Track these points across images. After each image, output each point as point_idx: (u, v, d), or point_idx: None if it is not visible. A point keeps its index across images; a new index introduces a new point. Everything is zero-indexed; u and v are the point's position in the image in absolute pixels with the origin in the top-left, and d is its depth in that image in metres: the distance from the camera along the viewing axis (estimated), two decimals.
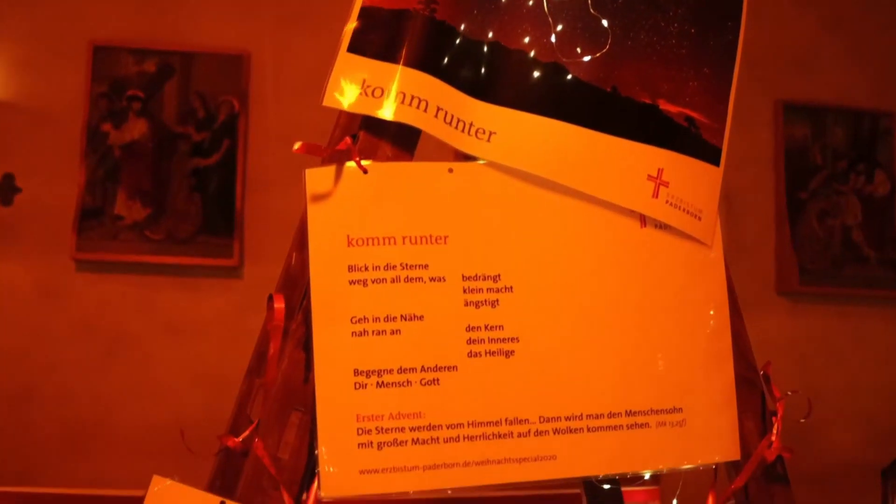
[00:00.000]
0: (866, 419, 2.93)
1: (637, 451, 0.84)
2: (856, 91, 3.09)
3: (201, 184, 2.71)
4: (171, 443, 0.76)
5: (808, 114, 3.04)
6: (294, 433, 0.79)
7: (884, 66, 3.12)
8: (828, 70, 3.07)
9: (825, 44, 3.09)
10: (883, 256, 3.03)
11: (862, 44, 3.13)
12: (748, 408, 0.89)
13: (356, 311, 0.80)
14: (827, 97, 3.06)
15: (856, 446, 2.88)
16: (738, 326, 0.90)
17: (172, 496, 0.78)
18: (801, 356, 2.88)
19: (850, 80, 3.08)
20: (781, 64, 3.02)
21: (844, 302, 3.01)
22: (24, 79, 2.73)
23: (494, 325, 0.82)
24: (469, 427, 0.80)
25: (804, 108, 3.04)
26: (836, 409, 2.81)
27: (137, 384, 2.65)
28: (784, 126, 3.01)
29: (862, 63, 3.11)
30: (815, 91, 3.05)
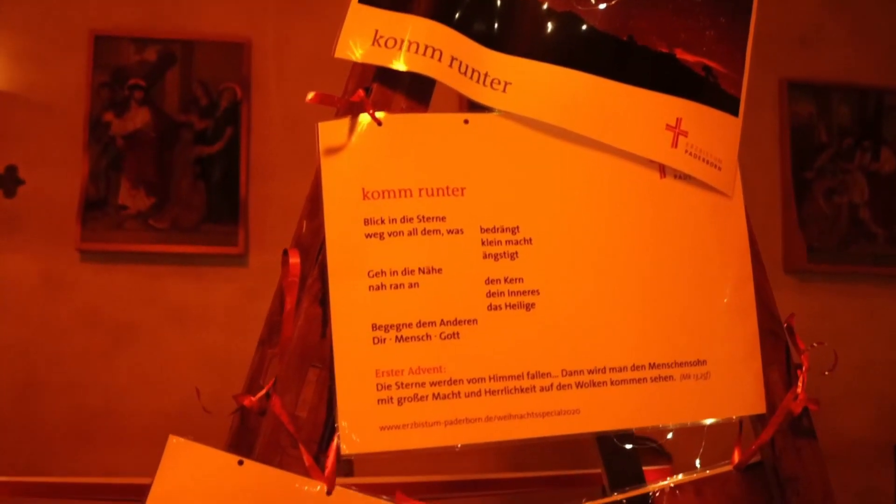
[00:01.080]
0: (876, 397, 2.91)
1: (661, 405, 0.83)
2: (861, 68, 3.07)
3: (205, 172, 2.69)
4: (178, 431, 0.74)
5: (813, 92, 3.03)
6: (312, 390, 0.77)
7: (889, 42, 3.10)
8: (832, 48, 3.05)
9: (829, 21, 3.07)
10: (890, 234, 3.01)
11: (866, 21, 3.11)
12: (773, 360, 0.88)
13: (373, 264, 0.78)
14: (832, 75, 3.04)
15: (865, 424, 2.87)
16: (761, 278, 0.88)
17: (189, 456, 0.76)
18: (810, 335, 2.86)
19: (854, 58, 3.06)
20: (786, 42, 3.00)
21: (852, 280, 2.99)
22: (26, 70, 2.71)
23: (514, 278, 0.81)
24: (490, 381, 0.79)
25: (809, 86, 3.02)
26: (846, 387, 2.79)
27: (144, 373, 2.64)
28: (789, 104, 2.99)
29: (866, 40, 3.09)
30: (820, 69, 3.03)
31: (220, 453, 0.77)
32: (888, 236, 3.01)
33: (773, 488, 0.88)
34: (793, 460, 0.87)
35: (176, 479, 0.76)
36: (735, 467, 0.88)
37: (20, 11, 2.71)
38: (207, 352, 2.63)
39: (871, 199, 3.02)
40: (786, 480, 0.87)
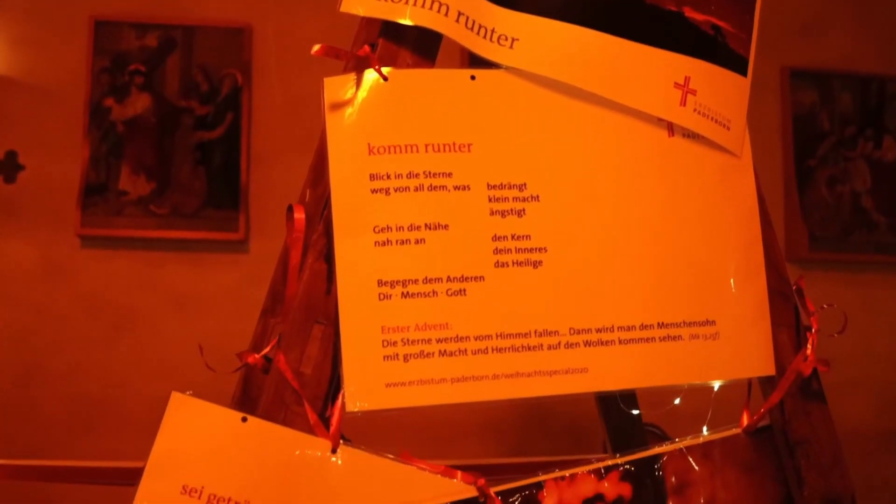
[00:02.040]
0: (877, 386, 2.91)
1: (670, 364, 0.82)
2: (863, 56, 3.06)
3: (206, 157, 2.68)
4: None
5: (815, 80, 3.02)
6: (317, 346, 0.77)
7: (891, 30, 3.09)
8: (834, 35, 3.04)
9: (831, 9, 3.06)
10: (893, 222, 3.00)
11: (868, 8, 3.10)
12: (782, 322, 0.87)
13: (379, 220, 0.77)
14: (834, 63, 3.03)
15: (867, 413, 2.86)
16: (770, 238, 0.87)
17: (192, 412, 0.75)
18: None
19: (856, 46, 3.06)
20: (787, 30, 2.99)
21: (854, 268, 2.98)
22: (26, 55, 2.70)
23: (521, 235, 0.80)
24: (497, 339, 0.78)
25: (811, 74, 3.01)
26: (847, 376, 2.78)
27: (144, 360, 2.63)
28: (791, 92, 2.98)
29: (868, 28, 3.08)
30: (822, 57, 3.02)
31: (223, 409, 0.76)
32: (890, 224, 3.00)
33: (783, 452, 0.87)
34: (802, 423, 0.86)
35: (178, 435, 0.75)
36: (743, 431, 0.87)
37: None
38: (208, 338, 2.62)
39: (874, 188, 3.01)
40: (795, 444, 0.86)
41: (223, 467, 0.74)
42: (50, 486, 2.41)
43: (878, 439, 2.87)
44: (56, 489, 2.43)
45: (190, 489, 0.74)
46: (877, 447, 2.86)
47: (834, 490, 0.86)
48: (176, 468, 0.74)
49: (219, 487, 0.74)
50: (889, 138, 3.05)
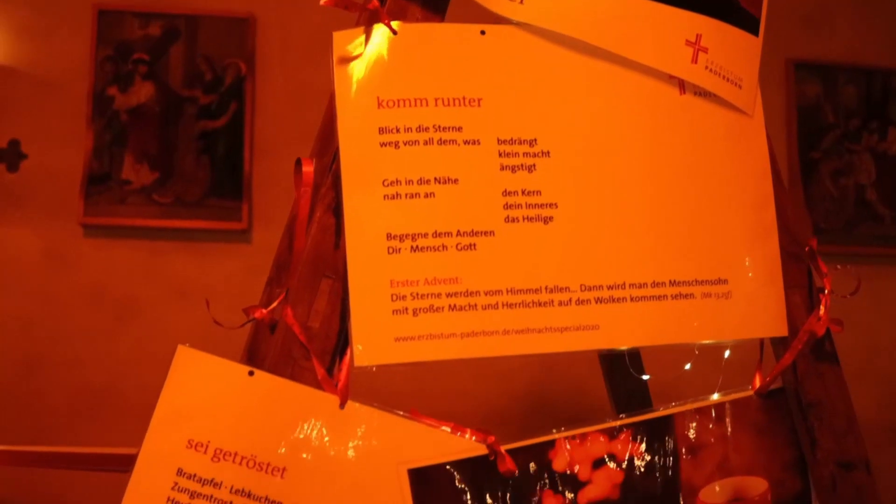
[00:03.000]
0: (882, 379, 2.89)
1: (682, 322, 0.81)
2: (867, 49, 3.05)
3: (209, 147, 2.67)
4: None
5: (820, 72, 3.01)
6: (325, 301, 0.76)
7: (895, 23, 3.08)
8: (839, 28, 3.03)
9: (835, 1, 3.05)
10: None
11: (873, 1, 3.09)
12: (795, 283, 0.86)
13: (388, 173, 0.76)
14: (838, 55, 3.02)
15: (871, 406, 2.84)
16: (782, 199, 0.86)
17: (199, 366, 0.74)
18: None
19: (861, 38, 3.05)
20: (791, 23, 2.98)
21: (859, 261, 2.97)
22: (29, 44, 2.69)
23: (532, 191, 0.79)
24: (508, 294, 0.77)
25: (815, 66, 3.00)
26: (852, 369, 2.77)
27: (146, 349, 2.61)
28: (795, 85, 2.97)
29: (873, 20, 3.07)
30: (826, 49, 3.01)
31: (230, 363, 0.75)
32: (894, 217, 2.99)
33: (795, 414, 0.86)
34: (815, 385, 0.85)
35: (184, 389, 0.74)
36: (756, 392, 0.86)
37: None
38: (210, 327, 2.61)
39: (878, 180, 3.00)
40: (808, 406, 0.85)
41: (230, 421, 0.73)
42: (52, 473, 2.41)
43: (883, 432, 2.86)
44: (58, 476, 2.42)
45: (196, 443, 0.73)
46: (881, 440, 2.84)
47: (848, 453, 0.85)
48: (182, 422, 0.73)
49: (225, 442, 0.73)
50: (894, 130, 3.03)
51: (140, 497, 0.72)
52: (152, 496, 0.72)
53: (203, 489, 0.72)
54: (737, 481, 0.84)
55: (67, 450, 2.16)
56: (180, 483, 0.72)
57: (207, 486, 0.72)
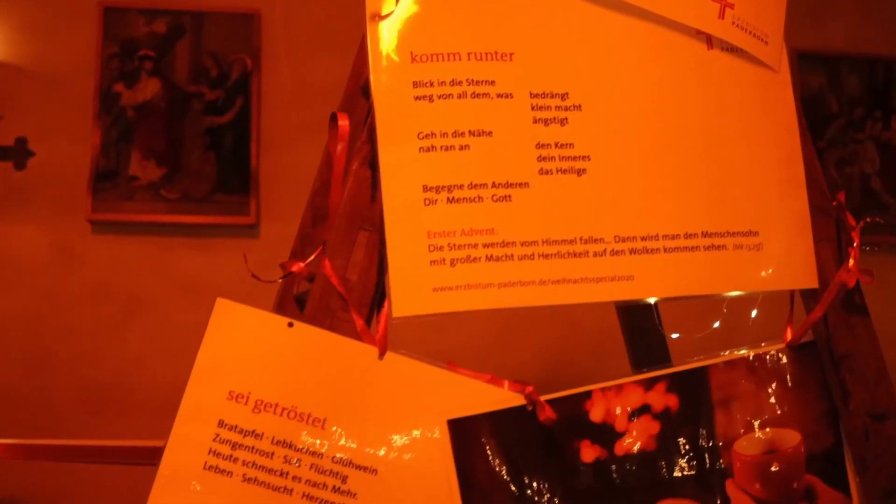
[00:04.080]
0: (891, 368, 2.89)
1: (715, 273, 0.81)
2: (869, 38, 3.06)
3: (216, 142, 2.68)
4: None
5: (823, 62, 3.02)
6: (362, 253, 0.76)
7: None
8: (841, 18, 3.04)
9: None
10: None
11: None
12: (824, 236, 0.86)
13: (423, 126, 0.77)
14: (841, 45, 3.03)
15: None
16: (809, 154, 0.87)
17: (238, 318, 0.75)
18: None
19: (863, 28, 3.06)
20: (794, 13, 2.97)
21: (864, 250, 2.97)
22: (35, 42, 2.70)
23: (564, 143, 0.79)
24: (543, 245, 0.77)
25: (818, 56, 3.01)
26: None
27: (155, 345, 2.61)
28: (799, 75, 2.98)
29: (875, 10, 3.09)
30: (829, 39, 3.03)
31: (269, 315, 0.75)
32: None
33: (827, 366, 0.86)
34: (846, 337, 0.86)
35: (224, 341, 0.74)
36: (787, 345, 0.86)
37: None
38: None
39: (883, 169, 3.01)
40: (840, 357, 0.85)
41: (269, 372, 0.74)
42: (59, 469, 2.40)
43: None
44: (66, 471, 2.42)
45: (236, 395, 0.73)
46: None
47: (880, 404, 0.86)
48: (222, 374, 0.73)
49: (265, 393, 0.73)
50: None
51: (182, 449, 0.72)
52: (194, 448, 0.72)
53: (244, 440, 0.72)
54: (771, 433, 0.85)
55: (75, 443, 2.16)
56: (222, 434, 0.72)
57: (249, 437, 0.72)
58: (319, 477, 0.73)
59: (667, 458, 0.81)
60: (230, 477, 0.71)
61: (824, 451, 0.87)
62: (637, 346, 0.96)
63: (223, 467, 0.71)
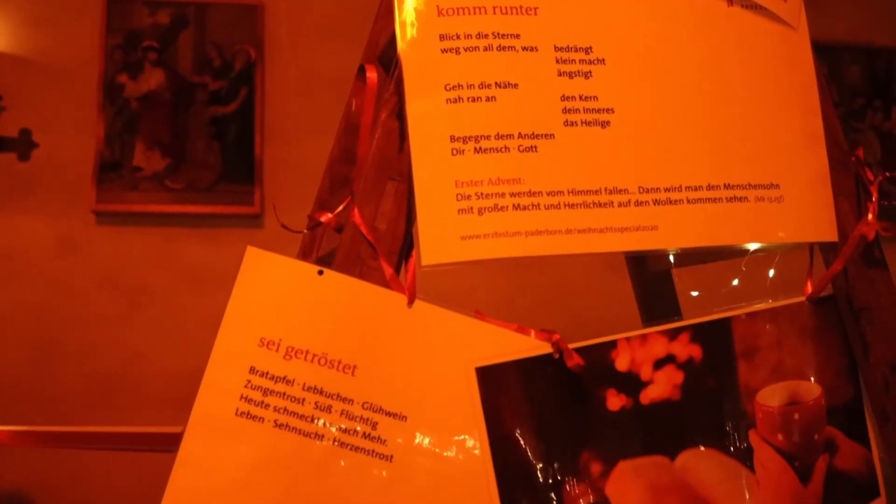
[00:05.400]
0: None
1: (737, 224, 0.82)
2: (872, 28, 3.09)
3: (220, 132, 2.69)
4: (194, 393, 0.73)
5: (824, 52, 3.03)
6: (391, 202, 0.77)
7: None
8: (843, 7, 3.06)
9: None
10: None
11: None
12: (843, 190, 0.87)
13: (450, 78, 0.77)
14: (842, 35, 3.05)
15: None
16: (828, 109, 0.88)
17: (268, 266, 0.75)
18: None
19: (865, 18, 3.08)
20: None
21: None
22: (39, 34, 2.71)
23: (589, 96, 0.80)
24: (569, 195, 0.78)
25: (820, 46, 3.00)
26: None
27: (160, 336, 2.62)
28: None
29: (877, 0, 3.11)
30: (831, 29, 3.04)
31: (299, 263, 0.76)
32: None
33: (847, 318, 0.87)
34: (866, 290, 0.86)
35: (254, 289, 0.75)
36: (808, 299, 0.87)
37: None
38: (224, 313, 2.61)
39: (884, 159, 3.03)
40: (859, 310, 0.86)
41: (300, 320, 0.74)
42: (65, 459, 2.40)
43: None
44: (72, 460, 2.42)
45: (268, 342, 0.74)
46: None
47: None
48: (253, 322, 0.74)
49: (296, 340, 0.74)
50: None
51: (214, 395, 0.72)
52: (226, 394, 0.72)
53: (276, 386, 0.73)
54: (792, 385, 0.85)
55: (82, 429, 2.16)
56: (253, 381, 0.73)
57: (280, 384, 0.73)
58: (350, 423, 0.73)
59: (691, 407, 0.82)
60: (262, 423, 0.72)
61: (845, 404, 0.88)
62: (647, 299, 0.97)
63: (255, 413, 0.72)
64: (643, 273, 1.18)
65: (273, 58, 2.75)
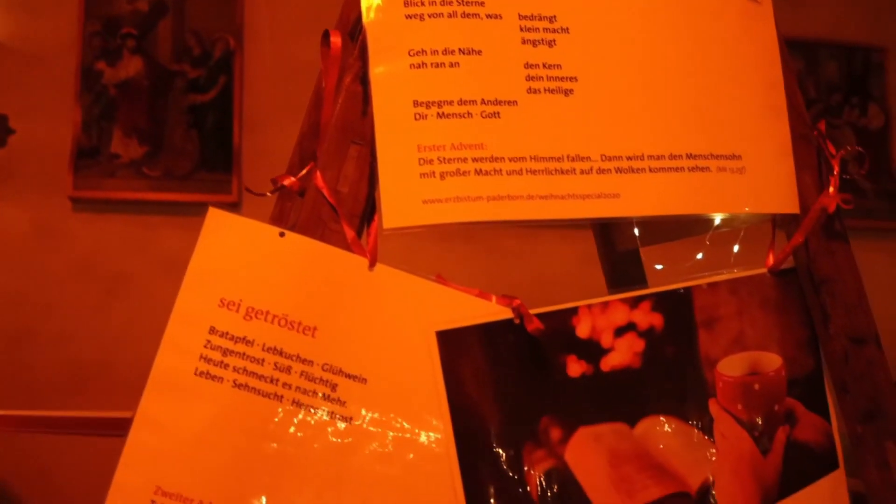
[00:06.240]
0: None
1: (698, 193, 0.83)
2: (848, 25, 3.11)
3: (198, 121, 2.68)
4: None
5: (802, 48, 3.06)
6: (353, 166, 0.77)
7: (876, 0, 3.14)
8: (821, 4, 3.09)
9: None
10: (879, 188, 3.04)
11: None
12: (805, 163, 0.88)
13: (413, 44, 0.78)
14: (820, 31, 3.07)
15: None
16: (791, 83, 0.89)
17: (229, 227, 0.75)
18: None
19: (842, 15, 3.10)
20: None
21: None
22: (16, 19, 2.69)
23: (552, 64, 0.81)
24: (531, 161, 0.78)
25: (797, 42, 3.05)
26: None
27: (137, 324, 2.60)
28: None
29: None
30: (809, 25, 3.07)
31: (260, 224, 0.76)
32: (877, 191, 3.03)
33: (808, 290, 0.88)
34: (827, 262, 0.87)
35: (216, 250, 0.75)
36: (769, 270, 0.88)
37: None
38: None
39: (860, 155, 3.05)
40: (820, 282, 0.87)
41: (261, 281, 0.74)
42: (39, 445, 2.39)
43: None
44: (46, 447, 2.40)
45: (228, 302, 0.74)
46: None
47: (859, 328, 0.88)
48: (213, 282, 0.74)
49: (256, 301, 0.74)
50: (874, 106, 3.09)
51: (173, 355, 0.72)
52: (185, 354, 0.72)
53: (235, 346, 0.73)
54: (753, 356, 0.86)
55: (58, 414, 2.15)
56: (213, 341, 0.73)
57: (240, 344, 0.73)
58: (309, 384, 0.73)
59: (651, 375, 0.82)
60: (221, 383, 0.72)
61: (805, 376, 0.88)
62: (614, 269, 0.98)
63: (214, 373, 0.72)
64: (612, 253, 1.18)
65: (252, 47, 2.75)
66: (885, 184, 3.04)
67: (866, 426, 0.87)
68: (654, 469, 0.81)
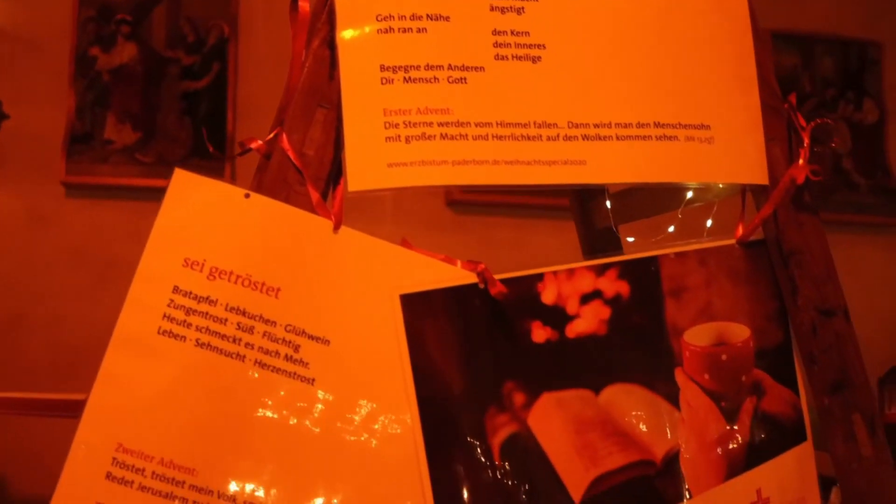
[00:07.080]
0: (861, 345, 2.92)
1: (666, 162, 0.83)
2: (844, 21, 3.11)
3: (192, 107, 2.68)
4: None
5: (797, 43, 3.06)
6: (319, 129, 0.77)
7: None
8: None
9: None
10: (873, 183, 3.04)
11: None
12: (775, 136, 0.88)
13: (381, 8, 0.78)
14: (816, 26, 3.07)
15: None
16: (762, 56, 0.89)
17: (195, 188, 0.76)
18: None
19: (838, 10, 3.10)
20: None
21: (835, 229, 2.97)
22: (11, 4, 2.70)
23: (520, 31, 0.81)
24: (497, 127, 0.79)
25: (793, 36, 3.05)
26: None
27: None
28: (773, 55, 3.02)
29: None
30: (804, 20, 3.07)
31: (226, 185, 0.76)
32: (871, 186, 3.03)
33: (776, 262, 0.88)
34: (795, 234, 0.87)
35: (181, 210, 0.75)
36: (738, 241, 0.88)
37: None
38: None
39: (854, 150, 3.05)
40: (789, 254, 0.87)
41: (225, 241, 0.75)
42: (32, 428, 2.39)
43: None
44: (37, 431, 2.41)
45: (192, 262, 0.74)
46: None
47: (828, 301, 0.88)
48: (178, 242, 0.74)
49: (220, 261, 0.74)
50: (869, 101, 3.09)
51: (136, 313, 0.73)
52: (149, 312, 0.73)
53: (199, 306, 0.73)
54: (720, 326, 0.86)
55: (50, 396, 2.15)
56: (176, 300, 0.73)
57: (203, 304, 0.73)
58: (272, 345, 0.74)
59: (617, 343, 0.82)
60: (183, 342, 0.72)
61: (773, 347, 0.89)
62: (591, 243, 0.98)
63: (177, 332, 0.72)
64: (590, 230, 1.18)
65: (246, 34, 2.75)
66: (880, 179, 3.04)
67: (833, 398, 0.87)
68: (619, 436, 0.82)
